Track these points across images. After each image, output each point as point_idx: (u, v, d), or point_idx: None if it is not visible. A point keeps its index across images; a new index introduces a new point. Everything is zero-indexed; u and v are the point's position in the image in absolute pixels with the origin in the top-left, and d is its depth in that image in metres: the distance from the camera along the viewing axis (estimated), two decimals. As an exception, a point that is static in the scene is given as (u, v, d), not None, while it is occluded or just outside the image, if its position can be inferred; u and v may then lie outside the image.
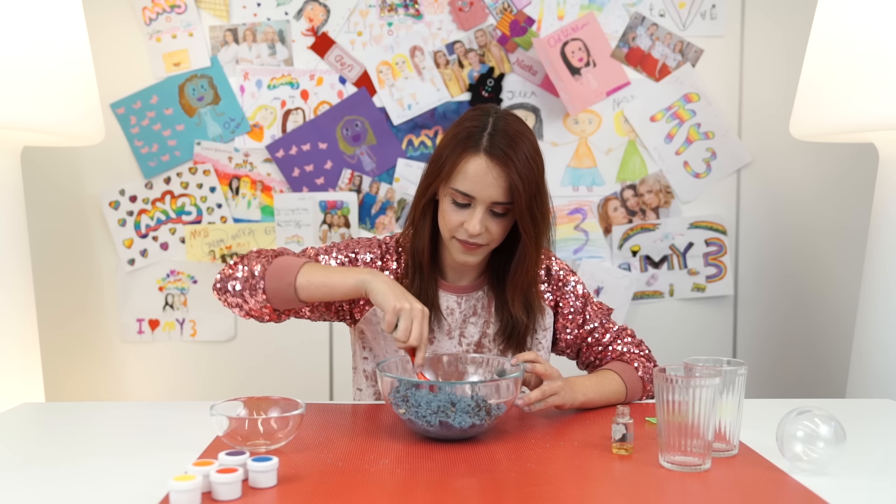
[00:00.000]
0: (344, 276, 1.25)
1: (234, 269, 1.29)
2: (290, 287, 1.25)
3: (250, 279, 1.26)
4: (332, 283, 1.25)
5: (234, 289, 1.28)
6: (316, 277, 1.25)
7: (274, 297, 1.26)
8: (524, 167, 1.26)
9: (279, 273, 1.25)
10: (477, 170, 1.26)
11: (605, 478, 1.02)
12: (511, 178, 1.25)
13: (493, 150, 1.26)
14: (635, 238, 2.29)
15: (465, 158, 1.27)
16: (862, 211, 2.20)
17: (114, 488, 0.97)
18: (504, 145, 1.26)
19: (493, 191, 1.27)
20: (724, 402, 1.08)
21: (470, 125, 1.29)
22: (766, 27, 2.27)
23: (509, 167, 1.25)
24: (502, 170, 1.26)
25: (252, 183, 2.27)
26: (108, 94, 2.21)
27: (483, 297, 1.42)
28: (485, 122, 1.29)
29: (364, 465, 1.04)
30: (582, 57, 2.24)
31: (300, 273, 1.25)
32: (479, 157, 1.26)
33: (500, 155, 1.25)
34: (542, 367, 1.24)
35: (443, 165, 1.29)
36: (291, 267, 1.25)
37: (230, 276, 1.28)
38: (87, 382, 2.29)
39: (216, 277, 1.30)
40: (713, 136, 2.28)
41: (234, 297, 1.28)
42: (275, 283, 1.25)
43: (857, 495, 0.96)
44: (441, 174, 1.29)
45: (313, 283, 1.25)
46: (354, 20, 2.25)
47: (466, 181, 1.27)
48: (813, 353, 2.33)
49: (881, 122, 1.66)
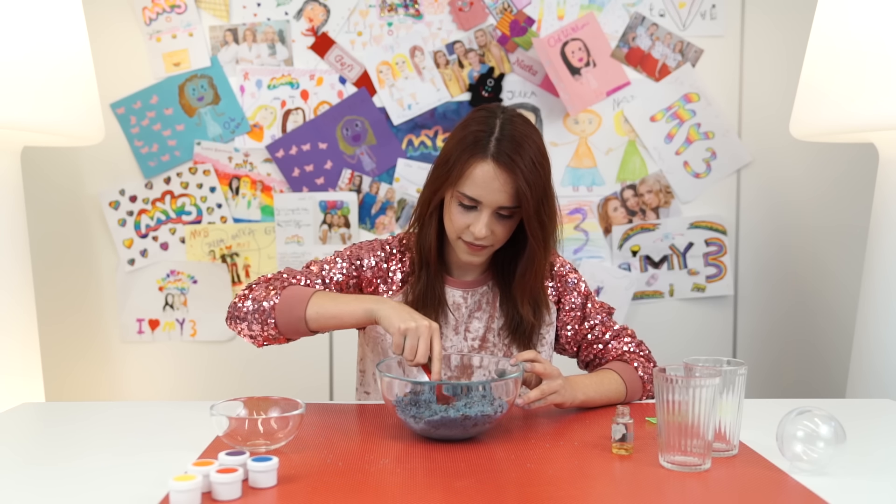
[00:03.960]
0: (352, 305, 1.26)
1: (243, 302, 1.31)
2: (300, 321, 1.27)
3: (261, 314, 1.28)
4: (340, 315, 1.26)
5: (245, 325, 1.30)
6: (325, 309, 1.26)
7: (285, 330, 1.28)
8: (531, 172, 1.27)
9: (289, 306, 1.27)
10: (484, 175, 1.27)
11: (605, 478, 1.02)
12: (518, 184, 1.26)
13: (500, 156, 1.26)
14: (635, 238, 2.29)
15: (473, 164, 1.27)
16: (862, 211, 2.20)
17: (114, 488, 0.97)
18: (511, 151, 1.26)
19: (499, 196, 1.27)
20: (724, 402, 1.08)
21: (477, 129, 1.29)
22: (766, 27, 2.27)
23: (516, 173, 1.26)
24: (509, 176, 1.26)
25: (252, 183, 2.27)
26: (108, 94, 2.21)
27: (488, 291, 1.43)
28: (492, 126, 1.29)
29: (364, 465, 1.04)
30: (582, 57, 2.24)
31: (309, 306, 1.27)
32: (486, 163, 1.27)
33: (506, 161, 1.26)
34: (542, 366, 1.24)
35: (451, 169, 1.29)
36: (301, 299, 1.27)
37: (241, 311, 1.30)
38: (87, 382, 2.29)
39: (228, 310, 1.33)
40: (713, 136, 2.28)
41: (247, 332, 1.31)
42: (285, 317, 1.27)
43: (857, 495, 0.96)
44: (449, 178, 1.30)
45: (323, 315, 1.26)
46: (354, 20, 2.25)
47: (474, 186, 1.28)
48: (813, 353, 2.33)
49: (881, 122, 1.66)
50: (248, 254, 2.27)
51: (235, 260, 2.27)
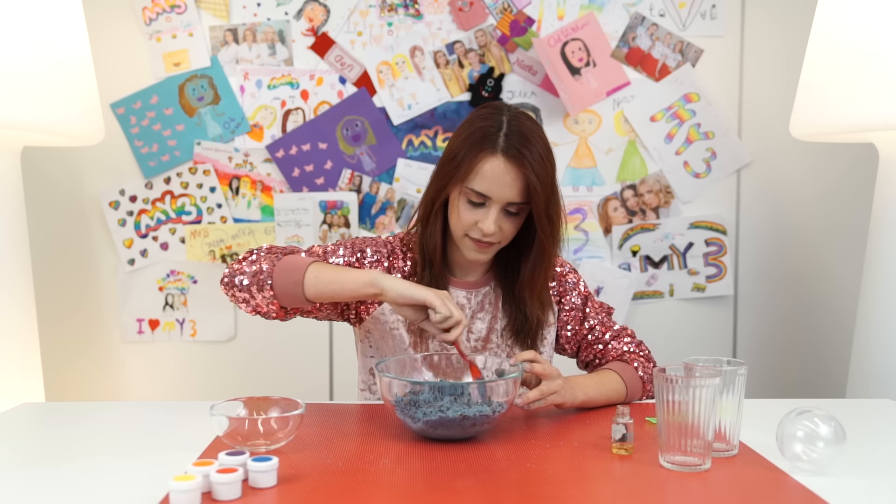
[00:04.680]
0: (354, 275, 1.24)
1: (241, 263, 1.28)
2: (297, 285, 1.23)
3: (259, 275, 1.25)
4: (341, 282, 1.23)
5: (242, 283, 1.26)
6: (324, 276, 1.23)
7: (281, 295, 1.25)
8: (540, 167, 1.27)
9: (287, 270, 1.24)
10: (494, 170, 1.27)
11: (605, 478, 1.02)
12: (528, 178, 1.26)
13: (509, 151, 1.26)
14: (635, 238, 2.29)
15: (482, 159, 1.27)
16: (862, 211, 2.20)
17: (114, 488, 0.97)
18: (520, 145, 1.26)
19: (509, 191, 1.27)
20: (724, 402, 1.08)
21: (484, 125, 1.29)
22: (766, 27, 2.27)
23: (526, 168, 1.26)
24: (519, 171, 1.26)
25: (252, 183, 2.27)
26: (108, 94, 2.21)
27: (491, 292, 1.43)
28: (499, 122, 1.29)
29: (364, 465, 1.04)
30: (582, 57, 2.24)
31: (308, 271, 1.24)
32: (496, 158, 1.27)
33: (516, 155, 1.26)
34: (542, 366, 1.24)
35: (459, 165, 1.29)
36: (300, 265, 1.24)
37: (238, 270, 1.27)
38: (87, 382, 2.29)
39: (224, 272, 1.29)
40: (713, 136, 2.28)
41: (241, 293, 1.27)
42: (283, 280, 1.24)
43: (857, 495, 0.96)
44: (457, 174, 1.29)
45: (322, 280, 1.23)
46: (354, 20, 2.25)
47: (483, 181, 1.27)
48: (813, 353, 2.33)
49: (881, 122, 1.66)
50: (248, 254, 2.27)
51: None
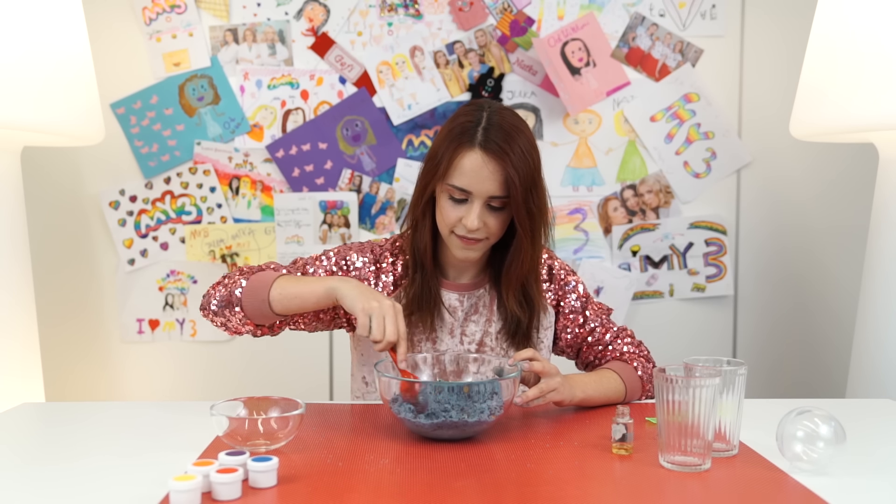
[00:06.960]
0: (313, 285, 1.25)
1: (215, 288, 1.31)
2: (264, 303, 1.25)
3: (229, 297, 1.28)
4: (302, 295, 1.25)
5: (215, 308, 1.29)
6: (288, 290, 1.25)
7: (252, 314, 1.27)
8: (520, 161, 1.26)
9: (254, 289, 1.26)
10: (473, 164, 1.26)
11: (605, 478, 1.02)
12: (507, 171, 1.25)
13: (487, 144, 1.26)
14: (635, 238, 2.29)
15: (461, 154, 1.27)
16: (862, 211, 2.20)
17: (114, 488, 0.97)
18: (499, 139, 1.26)
19: (489, 185, 1.26)
20: (724, 402, 1.08)
21: (464, 120, 1.29)
22: (766, 27, 2.27)
23: (505, 161, 1.25)
24: (498, 164, 1.26)
25: (252, 183, 2.27)
26: (108, 94, 2.21)
27: (485, 294, 1.42)
28: (479, 117, 1.29)
29: (364, 465, 1.04)
30: (582, 57, 2.24)
31: (273, 287, 1.26)
32: (474, 152, 1.26)
33: (495, 149, 1.25)
34: (540, 364, 1.24)
35: (439, 163, 1.29)
36: (266, 282, 1.26)
37: (211, 296, 1.30)
38: (87, 382, 2.29)
39: (201, 300, 1.32)
40: (713, 136, 2.28)
41: (217, 317, 1.30)
42: (250, 299, 1.26)
43: (857, 495, 0.96)
44: (438, 171, 1.29)
45: (286, 295, 1.25)
46: (354, 20, 2.25)
47: (463, 176, 1.27)
48: (813, 353, 2.33)
49: (881, 122, 1.66)
50: (248, 254, 2.27)
51: (235, 260, 2.27)
